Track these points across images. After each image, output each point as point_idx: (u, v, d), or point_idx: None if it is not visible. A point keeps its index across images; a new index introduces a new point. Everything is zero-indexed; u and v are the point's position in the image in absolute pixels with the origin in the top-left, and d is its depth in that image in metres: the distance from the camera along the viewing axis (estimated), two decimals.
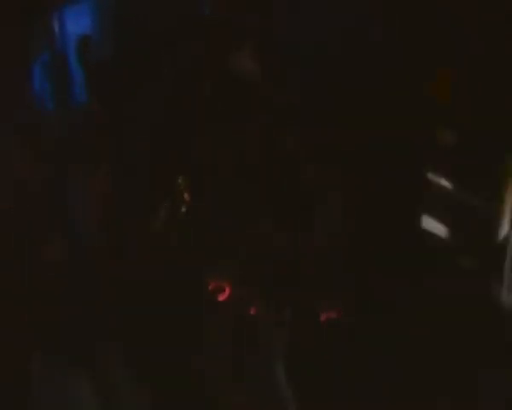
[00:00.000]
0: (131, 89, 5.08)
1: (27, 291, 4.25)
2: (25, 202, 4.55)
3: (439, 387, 4.12)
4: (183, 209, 4.73)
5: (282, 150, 4.82)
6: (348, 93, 4.84)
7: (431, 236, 4.74)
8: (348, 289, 4.50)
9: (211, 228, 4.65)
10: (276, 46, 5.01)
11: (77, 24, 5.30)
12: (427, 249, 4.67)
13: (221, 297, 4.47)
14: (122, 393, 4.15)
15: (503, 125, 4.59)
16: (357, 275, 4.51)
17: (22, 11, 4.80)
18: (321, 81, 4.93)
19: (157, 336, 4.27)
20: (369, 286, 4.42)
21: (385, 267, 4.45)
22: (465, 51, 4.66)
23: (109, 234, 4.62)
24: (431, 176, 4.81)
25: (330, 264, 4.57)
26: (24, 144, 4.77)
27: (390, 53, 4.80)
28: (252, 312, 4.43)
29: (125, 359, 4.26)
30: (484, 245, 4.66)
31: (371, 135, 4.69)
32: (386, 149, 4.67)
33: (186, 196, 4.73)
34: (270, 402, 4.25)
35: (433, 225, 4.76)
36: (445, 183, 4.79)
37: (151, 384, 4.18)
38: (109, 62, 5.30)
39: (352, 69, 4.87)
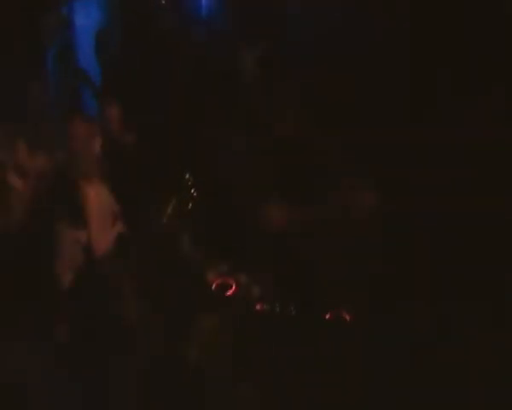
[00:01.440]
0: (140, 85, 5.11)
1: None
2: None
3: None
4: (191, 205, 4.74)
5: (288, 150, 4.84)
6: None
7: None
8: (356, 288, 4.50)
9: (217, 224, 4.67)
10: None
11: (86, 16, 5.30)
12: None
13: (228, 293, 4.48)
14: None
15: None
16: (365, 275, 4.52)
17: (33, 5, 4.79)
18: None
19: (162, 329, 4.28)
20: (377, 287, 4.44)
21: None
22: None
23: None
24: None
25: (339, 263, 4.58)
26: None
27: None
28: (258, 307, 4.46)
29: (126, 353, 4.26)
30: None
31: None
32: None
33: (193, 192, 4.73)
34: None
35: None
36: None
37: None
38: (119, 56, 5.32)
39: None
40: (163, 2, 5.18)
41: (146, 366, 4.08)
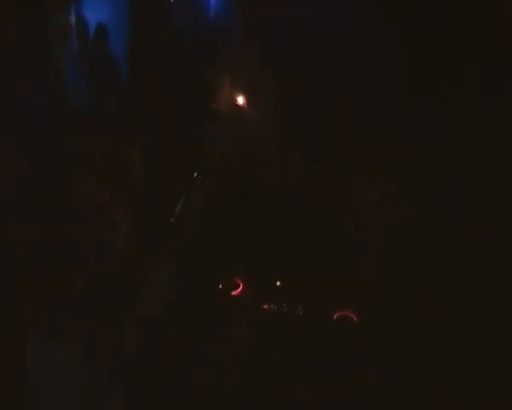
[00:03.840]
0: (144, 85, 5.09)
1: None
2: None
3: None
4: (200, 204, 4.74)
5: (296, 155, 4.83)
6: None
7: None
8: (365, 289, 4.51)
9: (226, 224, 4.68)
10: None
11: (94, 15, 5.26)
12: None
13: (235, 293, 4.51)
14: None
15: None
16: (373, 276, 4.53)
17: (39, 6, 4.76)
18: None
19: (171, 329, 4.33)
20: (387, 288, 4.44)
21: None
22: None
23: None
24: None
25: (348, 263, 4.59)
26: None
27: None
28: (265, 307, 4.50)
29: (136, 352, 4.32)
30: None
31: None
32: None
33: (201, 192, 4.74)
34: None
35: None
36: None
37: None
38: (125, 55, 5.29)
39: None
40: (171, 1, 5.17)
41: None
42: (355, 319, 4.39)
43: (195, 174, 4.78)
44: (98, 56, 5.20)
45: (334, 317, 4.40)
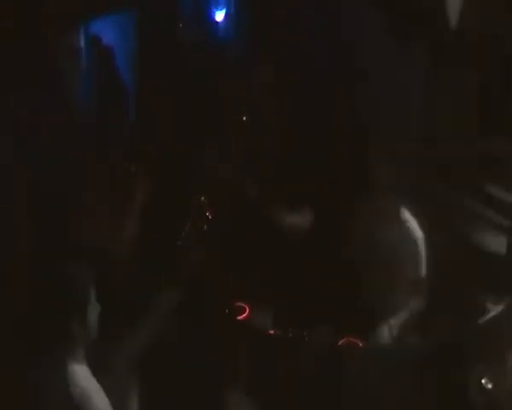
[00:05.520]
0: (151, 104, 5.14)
1: None
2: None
3: None
4: (205, 228, 4.73)
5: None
6: None
7: None
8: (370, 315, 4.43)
9: (232, 247, 4.66)
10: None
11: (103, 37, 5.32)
12: None
13: (241, 317, 4.45)
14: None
15: None
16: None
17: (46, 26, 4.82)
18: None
19: (176, 351, 4.26)
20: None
21: None
22: None
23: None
24: None
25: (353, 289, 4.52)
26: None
27: None
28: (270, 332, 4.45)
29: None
30: None
31: None
32: None
33: (208, 214, 4.73)
34: None
35: None
36: None
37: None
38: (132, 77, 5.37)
39: None
40: (180, 25, 5.24)
41: None
42: (360, 344, 4.35)
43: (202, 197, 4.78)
44: (106, 75, 5.25)
45: (340, 343, 4.36)
